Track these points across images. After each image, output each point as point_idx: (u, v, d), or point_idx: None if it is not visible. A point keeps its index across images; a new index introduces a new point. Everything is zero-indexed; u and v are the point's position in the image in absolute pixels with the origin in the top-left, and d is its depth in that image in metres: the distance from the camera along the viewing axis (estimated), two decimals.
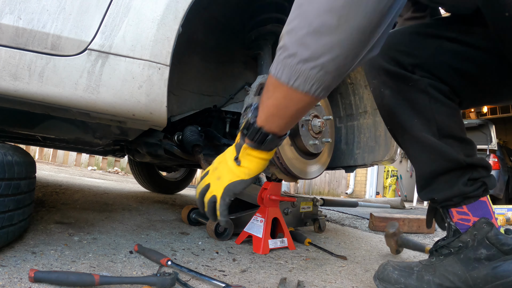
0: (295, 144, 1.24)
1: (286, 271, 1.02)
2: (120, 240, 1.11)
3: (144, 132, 1.19)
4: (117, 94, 0.81)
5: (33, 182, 0.94)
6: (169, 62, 0.84)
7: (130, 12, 0.80)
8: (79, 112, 0.86)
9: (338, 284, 0.97)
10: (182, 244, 1.18)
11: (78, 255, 0.90)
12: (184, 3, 0.85)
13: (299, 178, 1.30)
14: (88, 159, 5.03)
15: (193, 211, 1.52)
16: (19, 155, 0.84)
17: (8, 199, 0.78)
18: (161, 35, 0.83)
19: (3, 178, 0.76)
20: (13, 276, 0.70)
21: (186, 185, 2.91)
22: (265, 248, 1.21)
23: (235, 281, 0.88)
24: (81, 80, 0.78)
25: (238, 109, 1.47)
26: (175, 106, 1.34)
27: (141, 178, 2.59)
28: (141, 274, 0.83)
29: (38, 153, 4.93)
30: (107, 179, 3.58)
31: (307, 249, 1.38)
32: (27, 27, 0.73)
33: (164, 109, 0.86)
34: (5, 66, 0.73)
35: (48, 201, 1.58)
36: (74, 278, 0.69)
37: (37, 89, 0.76)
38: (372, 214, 2.26)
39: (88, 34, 0.78)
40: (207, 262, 1.01)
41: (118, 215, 1.51)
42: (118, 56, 0.80)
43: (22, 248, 0.88)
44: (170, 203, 2.21)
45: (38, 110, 0.91)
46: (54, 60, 0.76)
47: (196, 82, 1.41)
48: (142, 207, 1.83)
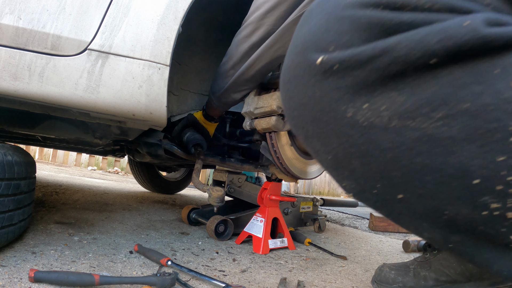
0: (295, 144, 1.24)
1: (286, 271, 1.02)
2: (120, 240, 1.11)
3: (144, 132, 1.19)
4: (117, 94, 0.81)
5: (33, 182, 0.94)
6: (169, 62, 0.84)
7: (130, 12, 0.81)
8: (79, 112, 0.86)
9: (338, 284, 0.97)
10: (182, 244, 1.18)
11: (78, 255, 0.90)
12: (184, 3, 0.85)
13: (299, 178, 1.30)
14: (88, 159, 5.03)
15: (193, 211, 1.52)
16: (19, 155, 0.84)
17: (8, 199, 0.78)
18: (161, 35, 0.83)
19: (3, 178, 0.76)
20: (13, 276, 0.70)
21: (186, 185, 2.91)
22: (265, 248, 1.21)
23: (235, 281, 0.88)
24: (81, 80, 0.78)
25: (238, 109, 1.47)
26: (175, 106, 1.35)
27: (141, 178, 2.59)
28: (141, 274, 0.83)
29: (38, 153, 4.93)
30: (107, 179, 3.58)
31: (307, 249, 1.38)
32: (27, 27, 0.73)
33: (164, 109, 0.86)
34: (5, 66, 0.73)
35: (48, 201, 1.58)
36: (74, 278, 0.69)
37: (37, 89, 0.76)
38: (372, 214, 2.26)
39: (88, 34, 0.78)
40: (207, 262, 1.01)
41: (118, 215, 1.51)
42: (118, 56, 0.80)
43: (22, 248, 0.88)
44: (170, 203, 2.21)
45: (38, 110, 0.91)
46: (54, 60, 0.76)
47: (196, 82, 1.41)
48: (142, 207, 1.83)
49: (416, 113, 0.24)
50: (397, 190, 0.26)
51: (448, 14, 0.25)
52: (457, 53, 0.24)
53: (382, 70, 0.25)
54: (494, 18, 0.24)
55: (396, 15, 0.25)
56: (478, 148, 0.24)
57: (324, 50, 0.27)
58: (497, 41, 0.23)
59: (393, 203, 0.28)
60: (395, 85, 0.25)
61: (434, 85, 0.24)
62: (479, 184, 0.24)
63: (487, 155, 0.24)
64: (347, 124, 0.26)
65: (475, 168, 0.24)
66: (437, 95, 0.24)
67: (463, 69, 0.24)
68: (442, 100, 0.24)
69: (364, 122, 0.26)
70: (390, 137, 0.25)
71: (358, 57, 0.25)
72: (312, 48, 0.28)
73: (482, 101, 0.23)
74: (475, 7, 0.25)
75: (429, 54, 0.24)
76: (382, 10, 0.26)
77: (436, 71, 0.24)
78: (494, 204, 0.25)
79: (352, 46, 0.26)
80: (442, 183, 0.25)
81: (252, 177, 1.62)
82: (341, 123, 0.27)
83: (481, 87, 0.23)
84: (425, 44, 0.24)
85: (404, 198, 0.27)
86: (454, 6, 0.25)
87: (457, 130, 0.24)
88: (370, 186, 0.27)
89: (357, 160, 0.27)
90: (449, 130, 0.24)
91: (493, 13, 0.25)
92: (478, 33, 0.23)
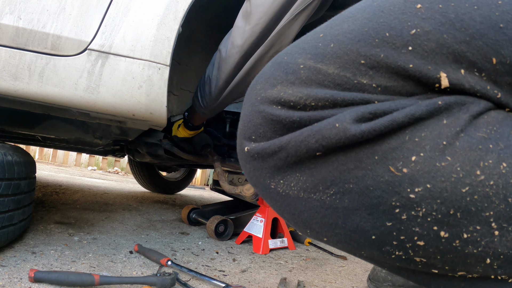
0: None
1: (286, 271, 1.02)
2: (120, 240, 1.11)
3: (144, 132, 1.19)
4: (117, 94, 0.81)
5: (33, 182, 0.94)
6: (169, 62, 0.84)
7: (130, 12, 0.80)
8: (79, 112, 0.86)
9: (338, 284, 0.97)
10: (182, 244, 1.18)
11: (78, 255, 0.90)
12: (184, 3, 0.85)
13: None
14: (88, 159, 5.03)
15: (193, 211, 1.52)
16: (19, 155, 0.84)
17: (8, 199, 0.78)
18: (161, 35, 0.83)
19: (3, 178, 0.76)
20: (13, 276, 0.70)
21: (186, 185, 2.91)
22: (265, 248, 1.21)
23: (235, 281, 0.88)
24: (81, 80, 0.78)
25: (238, 109, 1.47)
26: (175, 106, 1.35)
27: (141, 178, 2.59)
28: (141, 274, 0.83)
29: (38, 153, 4.93)
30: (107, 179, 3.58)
31: (307, 249, 1.38)
32: (27, 27, 0.73)
33: (164, 109, 0.86)
34: (5, 66, 0.73)
35: (48, 201, 1.58)
36: (74, 278, 0.69)
37: (37, 89, 0.76)
38: None
39: (88, 34, 0.78)
40: (207, 262, 1.01)
41: (118, 215, 1.51)
42: (118, 56, 0.80)
43: (22, 248, 0.88)
44: (170, 203, 2.21)
45: (38, 110, 0.91)
46: (54, 60, 0.76)
47: (196, 82, 1.41)
48: (142, 207, 1.83)
49: (315, 189, 0.30)
50: (321, 236, 0.33)
51: (331, 109, 0.29)
52: (334, 148, 0.28)
53: (284, 160, 0.31)
54: (366, 112, 0.28)
55: (289, 114, 0.30)
56: (367, 216, 0.29)
57: (249, 139, 0.34)
58: (367, 135, 0.27)
59: (325, 242, 0.34)
60: (298, 169, 0.31)
61: (324, 170, 0.29)
62: (377, 239, 0.29)
63: (376, 221, 0.29)
64: (273, 193, 0.34)
65: (368, 229, 0.29)
66: (327, 177, 0.29)
67: (346, 157, 0.28)
68: (332, 181, 0.29)
69: (283, 193, 0.33)
70: (302, 203, 0.32)
71: (266, 151, 0.32)
72: (242, 136, 0.35)
73: (363, 183, 0.28)
74: (357, 97, 0.29)
75: (312, 150, 0.29)
76: (281, 108, 0.31)
77: (325, 159, 0.29)
78: (397, 252, 0.30)
79: (265, 138, 0.32)
80: (349, 236, 0.31)
81: None
82: (269, 191, 0.34)
83: (362, 171, 0.28)
84: (306, 143, 0.29)
85: (328, 241, 0.33)
86: (336, 101, 0.29)
87: (347, 203, 0.29)
88: (304, 231, 0.35)
89: (287, 215, 0.34)
90: (341, 202, 0.29)
91: (366, 106, 0.28)
92: (346, 133, 0.27)
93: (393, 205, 0.28)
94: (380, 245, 0.30)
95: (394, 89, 0.29)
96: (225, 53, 0.89)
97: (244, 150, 0.35)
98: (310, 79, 0.31)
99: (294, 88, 0.31)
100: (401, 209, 0.28)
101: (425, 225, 0.28)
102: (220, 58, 0.91)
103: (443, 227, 0.27)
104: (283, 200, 0.33)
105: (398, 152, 0.27)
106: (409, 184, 0.27)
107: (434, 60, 0.27)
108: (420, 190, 0.27)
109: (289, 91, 0.31)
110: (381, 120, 0.27)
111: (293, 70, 0.32)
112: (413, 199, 0.27)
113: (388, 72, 0.28)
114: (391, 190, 0.28)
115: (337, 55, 0.30)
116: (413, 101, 0.28)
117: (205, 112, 1.07)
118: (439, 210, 0.27)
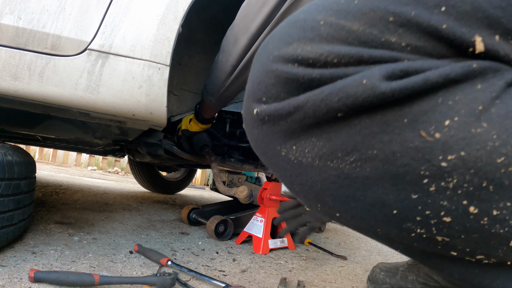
0: None
1: (286, 271, 1.02)
2: (120, 240, 1.11)
3: (144, 132, 1.19)
4: (117, 94, 0.81)
5: (33, 182, 0.94)
6: (169, 62, 0.84)
7: (130, 12, 0.81)
8: (79, 112, 0.86)
9: (338, 284, 0.97)
10: (182, 244, 1.18)
11: (78, 255, 0.90)
12: (184, 3, 0.85)
13: None
14: (88, 159, 5.03)
15: (193, 211, 1.52)
16: (19, 155, 0.84)
17: (8, 199, 0.78)
18: (161, 35, 0.83)
19: (3, 178, 0.76)
20: (13, 276, 0.70)
21: (186, 185, 2.91)
22: (265, 248, 1.21)
23: (235, 281, 0.88)
24: (81, 80, 0.78)
25: (238, 109, 1.47)
26: (175, 106, 1.35)
27: (141, 178, 2.59)
28: (141, 274, 0.83)
29: (38, 153, 4.93)
30: (107, 179, 3.58)
31: (307, 249, 1.38)
32: (27, 27, 0.73)
33: (164, 109, 0.86)
34: (5, 66, 0.73)
35: (48, 201, 1.58)
36: (74, 278, 0.69)
37: (37, 89, 0.76)
38: None
39: (88, 34, 0.78)
40: (207, 262, 1.01)
41: (118, 215, 1.51)
42: (118, 56, 0.80)
43: (22, 248, 0.88)
44: (170, 203, 2.21)
45: (38, 110, 0.91)
46: (54, 60, 0.76)
47: (196, 82, 1.41)
48: (142, 207, 1.83)
49: (332, 156, 0.27)
50: (334, 210, 0.30)
51: (356, 67, 0.26)
52: (360, 108, 0.26)
53: (300, 122, 0.28)
54: (397, 69, 0.25)
55: (307, 71, 0.27)
56: (391, 187, 0.26)
57: (259, 101, 0.31)
58: (398, 94, 0.24)
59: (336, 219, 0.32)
60: (314, 133, 0.28)
61: (345, 133, 0.27)
62: (398, 214, 0.27)
63: (400, 193, 0.26)
64: (283, 161, 0.31)
65: (391, 202, 0.27)
66: (348, 142, 0.27)
67: (371, 119, 0.26)
68: (353, 147, 0.26)
69: (295, 160, 0.30)
70: (316, 172, 0.29)
71: (279, 112, 0.29)
72: (251, 99, 0.32)
73: (389, 149, 0.25)
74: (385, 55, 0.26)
75: (334, 110, 0.26)
76: (298, 66, 0.28)
77: (347, 121, 0.27)
78: (418, 229, 0.27)
79: (278, 99, 0.29)
80: (366, 210, 0.28)
81: (252, 177, 1.62)
82: (279, 159, 0.31)
83: (389, 136, 0.25)
84: (327, 103, 0.26)
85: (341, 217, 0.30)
86: (362, 58, 0.26)
87: (369, 172, 0.26)
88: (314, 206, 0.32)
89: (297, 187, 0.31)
90: (362, 171, 0.27)
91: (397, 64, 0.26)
92: (375, 90, 0.25)
93: (422, 175, 0.25)
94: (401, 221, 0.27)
95: (424, 50, 0.26)
96: (231, 35, 0.88)
97: (252, 113, 0.31)
98: (331, 36, 0.27)
99: (313, 45, 0.28)
100: (430, 180, 0.25)
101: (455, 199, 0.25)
102: (226, 41, 0.90)
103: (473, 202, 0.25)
104: (295, 169, 0.30)
105: (430, 115, 0.25)
106: (441, 151, 0.24)
107: (469, 23, 0.25)
108: (453, 158, 0.24)
109: (307, 47, 0.28)
110: (413, 78, 0.25)
111: (312, 27, 0.28)
112: (445, 168, 0.25)
113: (419, 31, 0.26)
114: (421, 158, 0.25)
115: (362, 11, 0.27)
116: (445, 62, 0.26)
117: (212, 100, 1.06)
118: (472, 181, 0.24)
